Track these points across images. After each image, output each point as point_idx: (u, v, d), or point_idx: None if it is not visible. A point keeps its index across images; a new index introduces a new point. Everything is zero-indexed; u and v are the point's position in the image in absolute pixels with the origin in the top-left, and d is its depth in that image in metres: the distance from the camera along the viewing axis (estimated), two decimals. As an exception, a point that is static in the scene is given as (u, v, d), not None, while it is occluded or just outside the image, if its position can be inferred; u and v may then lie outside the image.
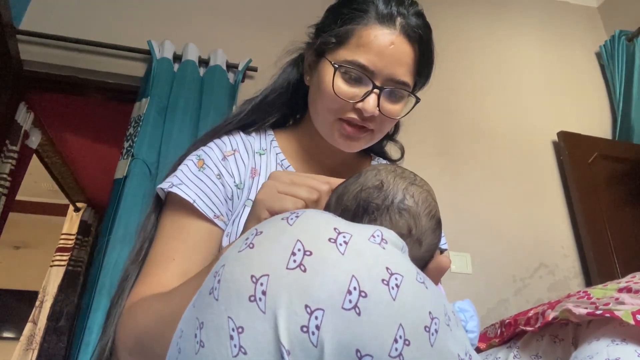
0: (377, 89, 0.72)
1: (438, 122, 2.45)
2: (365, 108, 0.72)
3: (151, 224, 0.77)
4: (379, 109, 0.73)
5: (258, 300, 0.37)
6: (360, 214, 0.49)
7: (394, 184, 0.51)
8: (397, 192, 0.50)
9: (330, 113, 0.75)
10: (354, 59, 0.72)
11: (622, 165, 2.45)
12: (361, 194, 0.50)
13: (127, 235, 1.73)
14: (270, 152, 0.84)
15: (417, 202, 0.50)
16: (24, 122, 2.33)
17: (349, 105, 0.73)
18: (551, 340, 0.69)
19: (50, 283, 4.09)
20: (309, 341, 0.35)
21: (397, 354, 0.36)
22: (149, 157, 1.90)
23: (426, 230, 0.50)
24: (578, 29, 3.03)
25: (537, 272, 2.21)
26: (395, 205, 0.49)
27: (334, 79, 0.73)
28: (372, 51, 0.71)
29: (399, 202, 0.49)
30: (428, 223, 0.50)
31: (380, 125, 0.77)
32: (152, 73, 2.07)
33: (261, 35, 2.42)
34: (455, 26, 2.78)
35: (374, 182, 0.50)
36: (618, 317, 0.55)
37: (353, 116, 0.74)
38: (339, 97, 0.72)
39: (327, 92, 0.74)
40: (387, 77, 0.72)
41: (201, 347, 0.38)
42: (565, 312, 0.63)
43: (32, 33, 2.08)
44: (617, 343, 0.55)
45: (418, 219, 0.49)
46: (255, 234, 0.42)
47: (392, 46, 0.72)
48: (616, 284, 0.65)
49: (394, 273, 0.38)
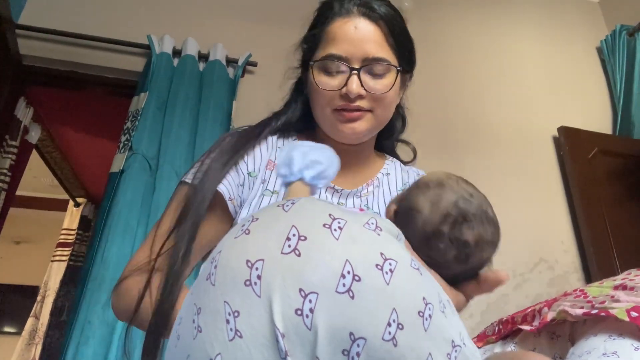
0: (355, 70, 0.76)
1: (438, 117, 2.45)
2: (349, 90, 0.76)
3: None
4: (365, 89, 0.76)
5: (253, 285, 0.37)
6: (460, 220, 0.51)
7: (478, 195, 0.55)
8: (483, 203, 0.54)
9: (325, 107, 0.79)
10: (326, 53, 0.78)
11: (622, 160, 2.44)
12: (460, 203, 0.52)
13: (128, 229, 1.73)
14: None
15: (494, 214, 0.55)
16: (24, 117, 2.32)
17: (336, 95, 0.77)
18: (548, 337, 0.69)
19: (52, 278, 4.10)
20: (303, 324, 0.36)
21: (390, 337, 0.36)
22: (149, 151, 1.90)
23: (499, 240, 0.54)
24: (579, 24, 3.02)
25: (537, 267, 2.22)
26: (486, 215, 0.53)
27: (315, 76, 0.79)
28: (340, 40, 0.77)
29: (488, 213, 0.54)
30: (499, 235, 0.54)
31: (375, 104, 0.79)
32: (151, 68, 2.07)
33: (261, 30, 2.41)
34: (455, 21, 2.77)
35: (464, 193, 0.53)
36: (613, 316, 0.56)
37: (342, 102, 0.77)
38: (325, 90, 0.77)
39: (316, 90, 0.79)
40: (362, 58, 0.76)
41: (199, 332, 0.39)
42: (562, 313, 0.64)
43: (31, 28, 2.07)
44: (614, 338, 0.55)
45: (499, 228, 0.55)
46: (251, 220, 0.43)
47: (356, 29, 0.77)
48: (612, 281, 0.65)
49: (388, 258, 0.39)
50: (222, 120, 2.06)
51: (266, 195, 0.76)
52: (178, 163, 1.88)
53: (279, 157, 0.61)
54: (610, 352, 0.52)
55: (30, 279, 5.07)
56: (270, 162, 0.82)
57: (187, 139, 1.98)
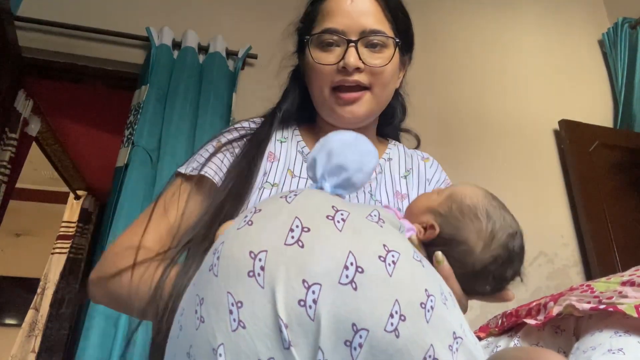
0: (353, 42, 0.74)
1: (438, 110, 2.44)
2: (347, 63, 0.74)
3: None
4: (363, 62, 0.75)
5: (257, 276, 0.37)
6: (507, 262, 0.53)
7: (518, 228, 0.57)
8: (521, 237, 0.56)
9: (323, 86, 0.77)
10: (322, 28, 0.77)
11: (623, 154, 2.44)
12: (509, 245, 0.54)
13: (130, 222, 1.72)
14: (291, 140, 0.85)
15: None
16: (23, 110, 2.31)
17: (334, 69, 0.76)
18: (553, 331, 0.69)
19: (52, 270, 4.10)
20: (306, 315, 0.36)
21: (392, 328, 0.36)
22: (150, 144, 1.90)
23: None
24: (581, 16, 3.00)
25: (537, 260, 2.22)
26: (523, 251, 0.56)
27: (313, 52, 0.77)
28: (336, 15, 0.76)
29: (524, 248, 0.56)
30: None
31: (373, 80, 0.77)
32: (151, 60, 2.06)
33: (261, 22, 2.40)
34: (456, 14, 2.76)
35: (509, 228, 0.55)
36: (621, 311, 0.56)
37: (341, 77, 0.76)
38: (322, 64, 0.76)
39: (313, 67, 0.77)
40: (359, 30, 0.75)
41: (201, 323, 0.39)
42: (569, 308, 0.64)
43: (30, 19, 2.06)
44: (620, 335, 0.55)
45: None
46: (254, 211, 0.43)
47: (352, 3, 0.76)
48: (619, 277, 0.65)
49: (390, 250, 0.39)
50: (222, 113, 2.06)
51: (266, 187, 0.75)
52: (179, 155, 1.87)
53: (311, 152, 0.53)
54: (616, 349, 0.52)
55: (30, 271, 5.07)
56: (271, 154, 0.81)
57: (187, 131, 1.97)
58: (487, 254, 0.53)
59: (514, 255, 0.53)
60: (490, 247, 0.53)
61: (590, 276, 2.17)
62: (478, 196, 0.57)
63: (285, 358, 0.36)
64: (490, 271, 0.52)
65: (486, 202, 0.56)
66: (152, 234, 0.72)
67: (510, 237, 0.54)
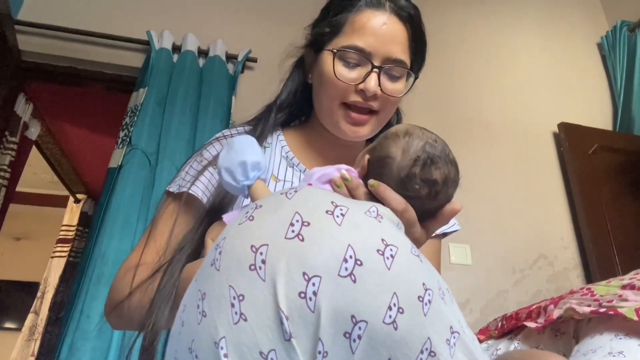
0: (377, 68, 0.74)
1: (437, 112, 2.44)
2: (367, 88, 0.74)
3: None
4: (381, 89, 0.75)
5: (258, 269, 0.38)
6: (428, 162, 0.56)
7: (440, 140, 0.60)
8: (445, 147, 0.59)
9: (335, 99, 0.77)
10: (350, 44, 0.74)
11: (622, 156, 2.45)
12: (427, 147, 0.57)
13: (127, 225, 1.73)
14: (275, 145, 0.86)
15: (454, 156, 0.60)
16: (23, 113, 2.32)
17: (351, 88, 0.75)
18: (552, 334, 0.69)
19: (52, 274, 4.11)
20: (307, 307, 0.37)
21: (390, 320, 0.37)
22: (148, 147, 1.90)
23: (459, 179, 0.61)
24: (579, 19, 3.01)
25: (537, 263, 2.22)
26: (448, 157, 0.58)
27: (334, 65, 0.75)
28: (366, 33, 0.74)
29: (450, 155, 0.59)
30: (459, 174, 0.60)
31: (384, 106, 0.78)
32: (150, 63, 2.06)
33: (261, 26, 2.41)
34: (455, 16, 2.77)
35: (429, 139, 0.58)
36: (621, 314, 0.56)
37: (357, 99, 0.75)
38: (341, 81, 0.74)
39: (330, 79, 0.76)
40: (384, 57, 0.74)
41: (203, 317, 0.39)
42: (570, 311, 0.64)
43: (30, 23, 2.06)
44: (621, 337, 0.55)
45: (458, 168, 0.60)
46: (255, 207, 0.43)
47: (385, 26, 0.75)
48: (619, 280, 0.65)
49: (389, 244, 0.40)
50: (222, 116, 2.06)
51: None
52: (178, 158, 1.87)
53: (220, 181, 0.60)
54: (616, 352, 0.52)
55: (30, 275, 5.08)
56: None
57: (187, 134, 1.97)
58: (406, 158, 0.56)
59: (434, 156, 0.56)
60: (410, 152, 0.56)
61: (590, 279, 2.17)
62: (403, 125, 0.62)
63: (286, 349, 0.37)
64: (415, 174, 0.55)
65: (409, 126, 0.61)
66: (150, 251, 0.74)
67: (427, 143, 0.57)
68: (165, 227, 0.76)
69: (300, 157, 0.86)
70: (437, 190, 0.56)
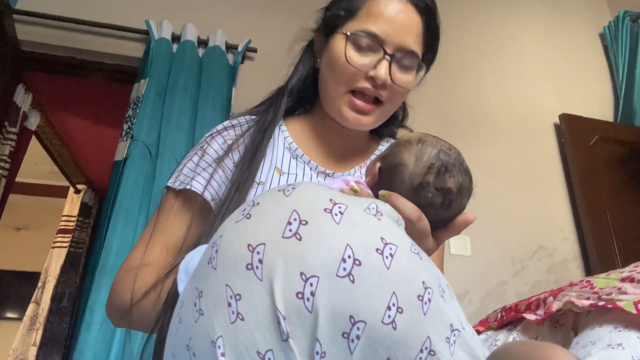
0: (389, 56, 0.72)
1: (438, 104, 2.43)
2: (377, 75, 0.72)
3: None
4: (391, 78, 0.73)
5: (255, 268, 0.38)
6: (443, 170, 0.55)
7: (454, 149, 0.59)
8: (459, 155, 0.58)
9: (342, 85, 0.75)
10: (365, 28, 0.73)
11: (623, 148, 2.44)
12: (441, 155, 0.56)
13: (129, 217, 1.73)
14: (278, 136, 0.84)
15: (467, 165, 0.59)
16: (23, 104, 2.31)
17: (361, 74, 0.73)
18: (552, 326, 0.69)
19: (52, 264, 4.12)
20: (304, 307, 0.36)
21: (390, 320, 0.37)
22: (149, 138, 1.90)
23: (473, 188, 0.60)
24: (582, 10, 2.99)
25: (536, 254, 2.22)
26: (462, 166, 0.58)
27: (346, 49, 0.73)
28: (382, 20, 0.73)
29: (464, 164, 0.58)
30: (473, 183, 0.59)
31: (391, 96, 0.76)
32: (150, 54, 2.05)
33: (261, 16, 2.39)
34: (456, 8, 2.74)
35: (443, 147, 0.57)
36: (620, 308, 0.56)
37: (365, 85, 0.74)
38: (352, 65, 0.72)
39: (340, 62, 0.74)
40: (398, 45, 0.73)
41: (200, 316, 0.39)
42: (569, 304, 0.64)
43: (29, 13, 2.05)
44: (620, 330, 0.55)
45: (472, 177, 0.59)
46: (252, 205, 0.43)
47: (402, 15, 0.73)
48: (619, 273, 0.65)
49: (388, 243, 0.39)
50: (222, 107, 2.05)
51: (252, 187, 0.75)
52: (178, 149, 1.87)
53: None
54: (615, 344, 0.52)
55: (31, 265, 5.09)
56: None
57: (187, 125, 1.97)
58: (420, 166, 0.55)
59: (449, 164, 0.55)
60: (423, 160, 0.55)
61: (589, 270, 2.17)
62: (416, 133, 0.61)
63: (284, 349, 0.36)
64: (429, 182, 0.54)
65: (422, 134, 0.60)
66: (154, 250, 0.73)
67: (442, 150, 0.56)
68: (167, 225, 0.75)
69: (304, 148, 0.84)
70: (451, 200, 0.55)
